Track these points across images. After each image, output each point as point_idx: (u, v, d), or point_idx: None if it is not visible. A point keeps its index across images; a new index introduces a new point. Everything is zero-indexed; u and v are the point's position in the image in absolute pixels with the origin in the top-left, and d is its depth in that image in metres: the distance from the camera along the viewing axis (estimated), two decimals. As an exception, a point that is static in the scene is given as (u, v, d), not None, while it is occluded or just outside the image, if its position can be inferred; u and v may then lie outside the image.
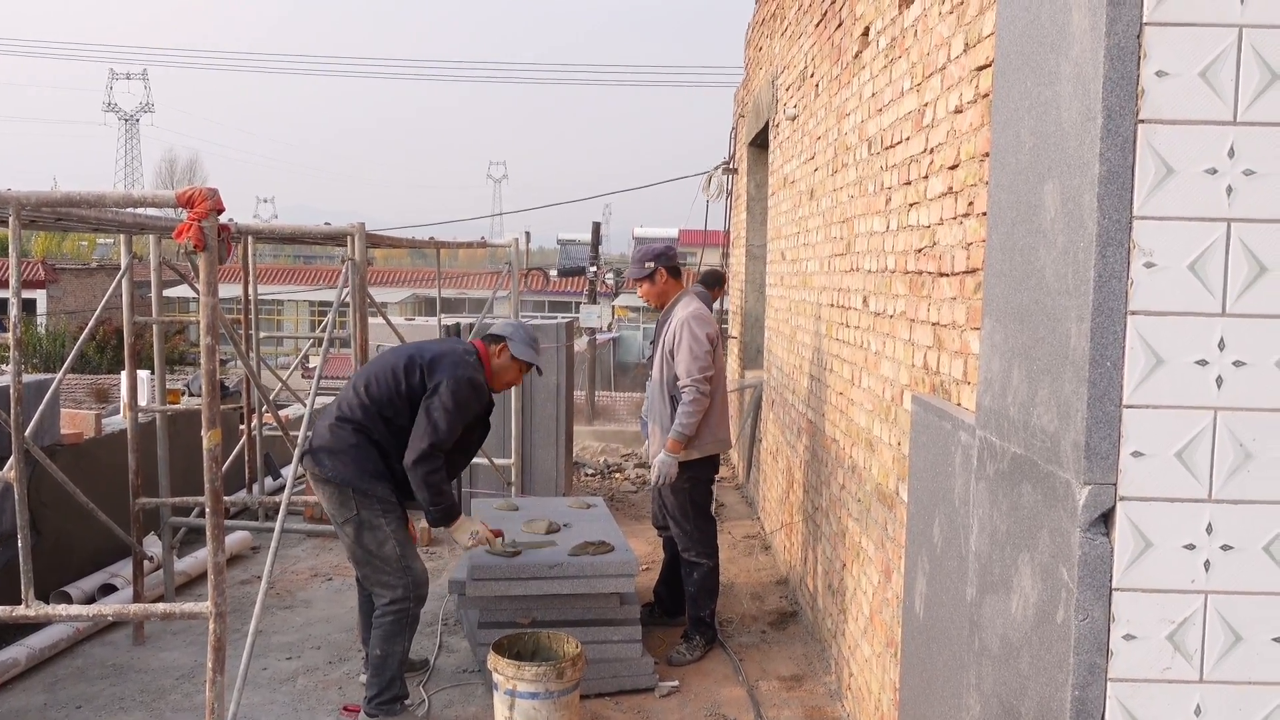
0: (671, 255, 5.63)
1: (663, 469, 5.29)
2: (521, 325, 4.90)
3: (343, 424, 4.58)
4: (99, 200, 3.39)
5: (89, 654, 5.45)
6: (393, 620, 4.52)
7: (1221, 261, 1.92)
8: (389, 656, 4.53)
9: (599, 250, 25.64)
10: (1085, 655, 1.97)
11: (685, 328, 5.31)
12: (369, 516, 4.50)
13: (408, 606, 4.54)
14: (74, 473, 5.45)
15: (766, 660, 5.45)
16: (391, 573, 4.53)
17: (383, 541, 4.51)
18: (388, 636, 4.52)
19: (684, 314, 5.38)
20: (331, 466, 4.52)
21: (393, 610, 4.52)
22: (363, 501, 4.50)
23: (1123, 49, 1.89)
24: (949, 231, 3.26)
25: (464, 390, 4.52)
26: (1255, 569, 1.96)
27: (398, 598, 4.52)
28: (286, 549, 7.47)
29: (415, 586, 4.56)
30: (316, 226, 6.22)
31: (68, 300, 31.74)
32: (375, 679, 4.56)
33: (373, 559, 4.55)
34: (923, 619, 3.17)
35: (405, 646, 4.59)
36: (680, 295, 5.56)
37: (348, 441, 4.53)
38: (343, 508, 4.52)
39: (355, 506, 4.50)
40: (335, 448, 4.55)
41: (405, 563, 4.55)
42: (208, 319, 3.26)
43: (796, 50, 6.72)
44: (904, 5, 3.94)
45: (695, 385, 5.24)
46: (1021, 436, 2.26)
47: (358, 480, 4.49)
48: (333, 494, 4.55)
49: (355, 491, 4.49)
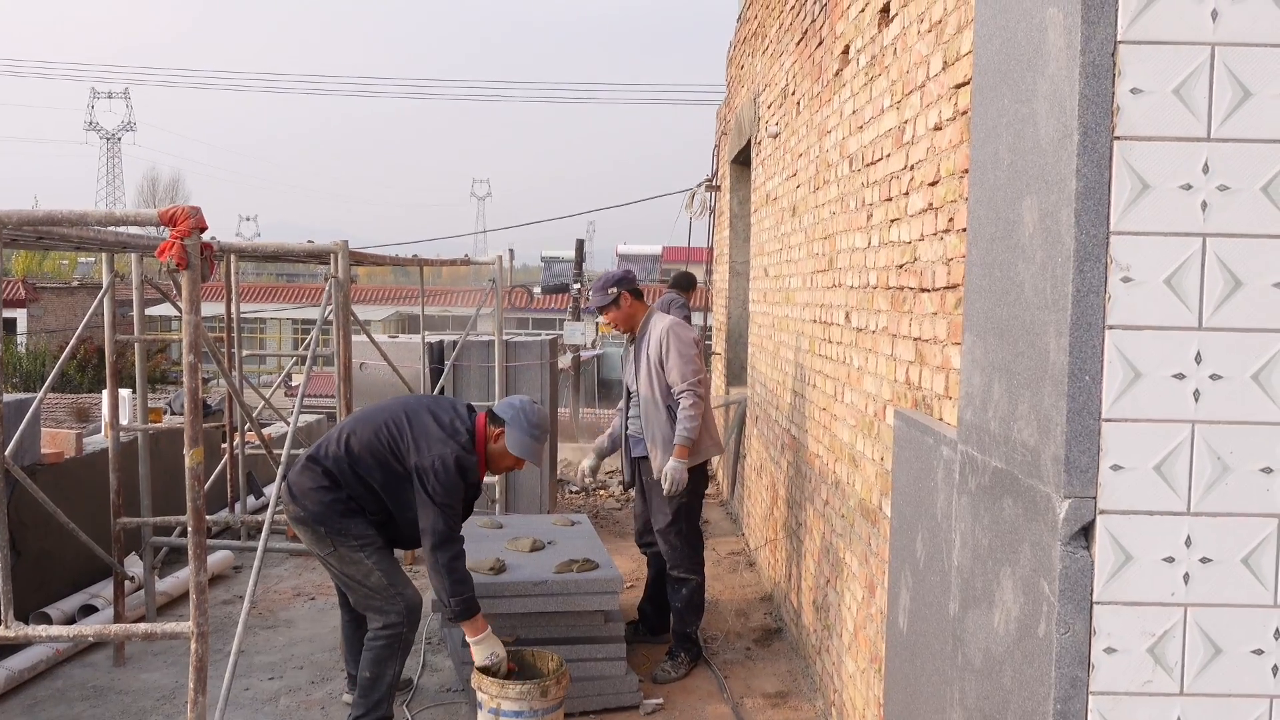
0: (631, 279, 5.67)
1: (675, 476, 5.28)
2: (527, 408, 4.54)
3: (314, 465, 4.50)
4: (81, 219, 3.39)
5: (69, 675, 5.41)
6: (385, 644, 4.46)
7: (1197, 276, 1.94)
8: (379, 679, 4.47)
9: (583, 267, 25.68)
10: (1067, 669, 1.98)
11: (671, 336, 5.35)
12: (346, 553, 4.44)
13: (401, 631, 4.47)
14: (54, 492, 5.42)
15: (751, 677, 5.45)
16: (383, 599, 4.46)
17: (368, 573, 4.45)
18: (379, 660, 4.46)
19: (663, 325, 5.42)
20: (302, 505, 4.46)
21: (385, 634, 4.46)
22: (338, 539, 4.43)
23: (1098, 67, 1.91)
24: (930, 247, 3.28)
25: (448, 474, 4.29)
26: (1234, 582, 1.97)
27: (391, 622, 4.46)
28: (269, 568, 7.43)
29: (408, 611, 4.47)
30: (299, 244, 6.21)
31: (48, 319, 31.56)
32: (363, 700, 4.50)
33: (361, 587, 4.50)
34: (906, 634, 3.18)
35: (396, 671, 4.53)
36: (650, 313, 5.59)
37: (319, 483, 4.45)
38: (319, 543, 4.47)
39: (331, 543, 4.44)
40: (307, 487, 4.47)
41: (396, 589, 4.46)
42: (190, 337, 3.25)
43: (778, 68, 6.77)
44: (883, 24, 3.97)
45: (692, 389, 5.30)
46: (1002, 451, 2.28)
47: (329, 519, 4.42)
48: (306, 532, 4.49)
49: (328, 530, 4.43)
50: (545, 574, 4.96)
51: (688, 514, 5.49)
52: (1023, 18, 2.20)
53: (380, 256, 8.05)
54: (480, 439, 4.47)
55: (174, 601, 6.57)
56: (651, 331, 5.45)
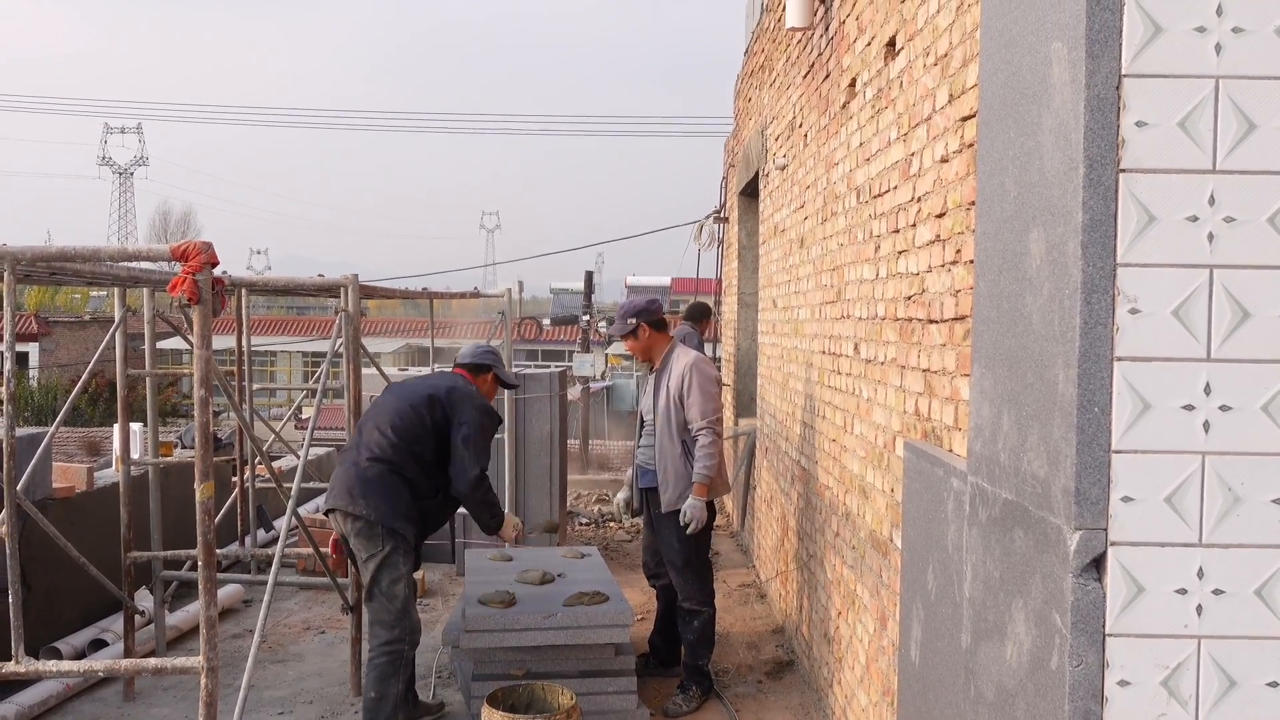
0: (654, 310, 5.67)
1: (694, 514, 5.27)
2: (491, 348, 5.35)
3: (375, 463, 4.72)
4: (95, 255, 3.42)
5: (79, 711, 5.39)
6: (387, 661, 4.63)
7: (1205, 307, 1.94)
8: (383, 698, 4.61)
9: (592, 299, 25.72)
10: (1080, 702, 1.96)
11: (694, 371, 5.37)
12: (393, 556, 4.65)
13: (402, 649, 4.67)
14: (65, 526, 5.42)
15: (763, 710, 5.41)
16: (394, 613, 4.66)
17: (396, 580, 4.66)
18: (382, 678, 4.62)
19: (687, 360, 5.43)
20: (366, 504, 4.65)
21: (387, 651, 4.64)
22: (390, 540, 4.65)
23: (1102, 100, 1.93)
24: (937, 279, 3.29)
25: (487, 418, 4.93)
26: (1247, 613, 1.96)
27: (393, 639, 4.64)
28: (279, 602, 7.41)
29: (410, 631, 4.70)
30: (310, 278, 6.25)
31: (60, 353, 31.69)
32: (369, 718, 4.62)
33: (382, 596, 4.66)
34: (918, 667, 3.16)
35: (399, 690, 4.66)
36: (671, 345, 5.59)
37: (382, 481, 4.69)
38: (370, 543, 4.65)
39: (383, 544, 4.64)
40: (370, 487, 4.68)
41: (409, 607, 4.71)
42: (202, 371, 3.27)
43: (785, 101, 6.81)
44: (889, 57, 4.00)
45: (711, 427, 5.33)
46: (1012, 482, 2.27)
47: (391, 519, 4.65)
48: (363, 529, 4.67)
49: (385, 529, 4.64)
50: (555, 607, 4.95)
51: (697, 547, 5.47)
52: (1028, 52, 2.22)
53: (390, 290, 8.09)
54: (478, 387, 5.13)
55: (184, 636, 6.55)
56: (674, 365, 5.46)
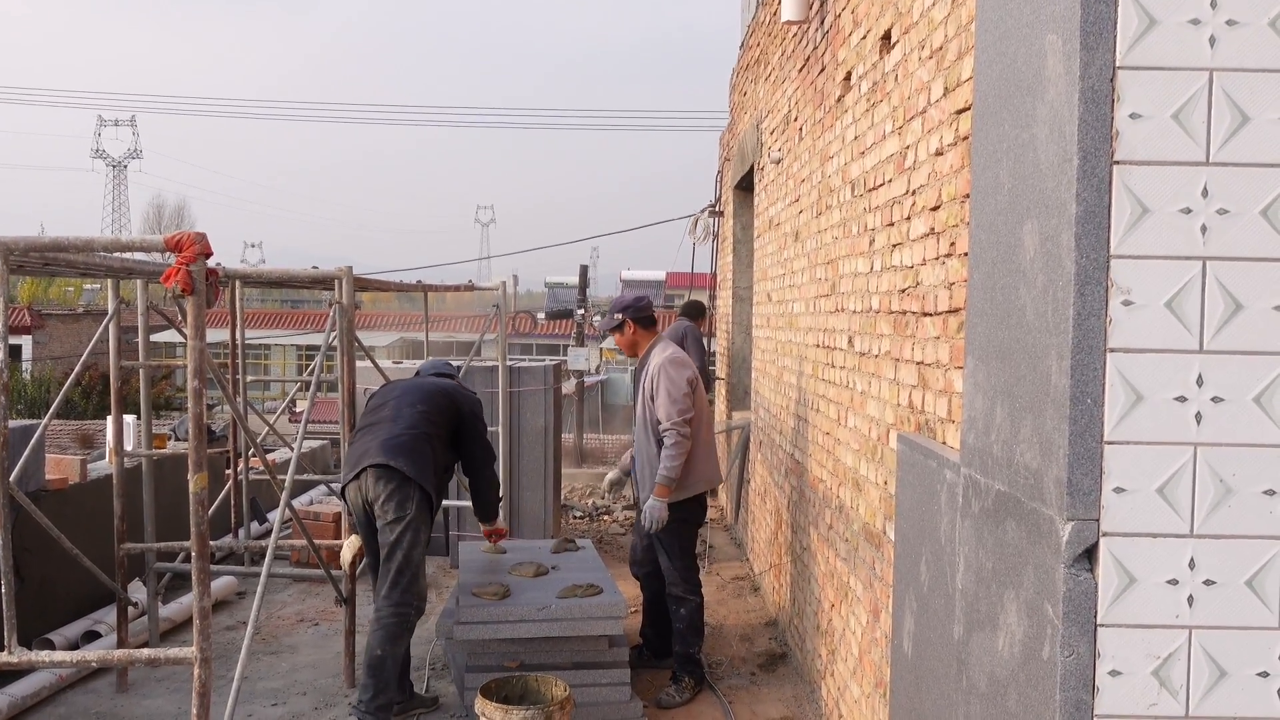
0: (642, 307, 5.69)
1: (652, 514, 5.29)
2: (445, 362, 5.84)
3: (410, 431, 4.91)
4: (88, 245, 3.41)
5: (72, 702, 5.39)
6: (396, 621, 4.73)
7: (1198, 299, 1.95)
8: (388, 658, 4.68)
9: (586, 293, 25.70)
10: (1071, 692, 1.97)
11: (662, 372, 5.36)
12: (419, 521, 4.80)
13: (409, 612, 4.79)
14: (58, 518, 5.41)
15: (756, 702, 5.42)
16: (411, 578, 4.78)
17: (415, 545, 4.78)
18: (390, 638, 4.71)
19: (660, 359, 5.42)
20: (409, 466, 4.79)
21: (398, 612, 4.74)
22: (421, 504, 4.80)
23: (1097, 92, 1.93)
24: (931, 272, 3.30)
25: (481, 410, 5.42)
26: (1238, 604, 1.97)
27: (403, 600, 4.75)
28: (272, 594, 7.41)
29: (419, 598, 4.84)
30: (304, 270, 6.24)
31: (53, 346, 31.62)
32: (370, 680, 4.66)
33: (400, 558, 4.75)
34: (911, 658, 3.17)
35: (403, 652, 4.81)
36: (654, 342, 5.61)
37: (418, 446, 4.88)
38: (402, 505, 4.77)
39: (414, 507, 4.77)
40: (406, 449, 4.84)
41: (422, 574, 4.87)
42: (195, 362, 3.27)
43: (780, 95, 6.81)
44: (885, 51, 4.00)
45: (676, 428, 5.27)
46: (1005, 474, 2.28)
47: (425, 479, 4.83)
48: (397, 490, 4.78)
49: (421, 493, 4.80)
50: (549, 599, 4.96)
51: (681, 544, 5.53)
52: (1022, 44, 2.23)
53: (384, 282, 8.07)
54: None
55: (177, 627, 6.55)
56: (650, 363, 5.47)
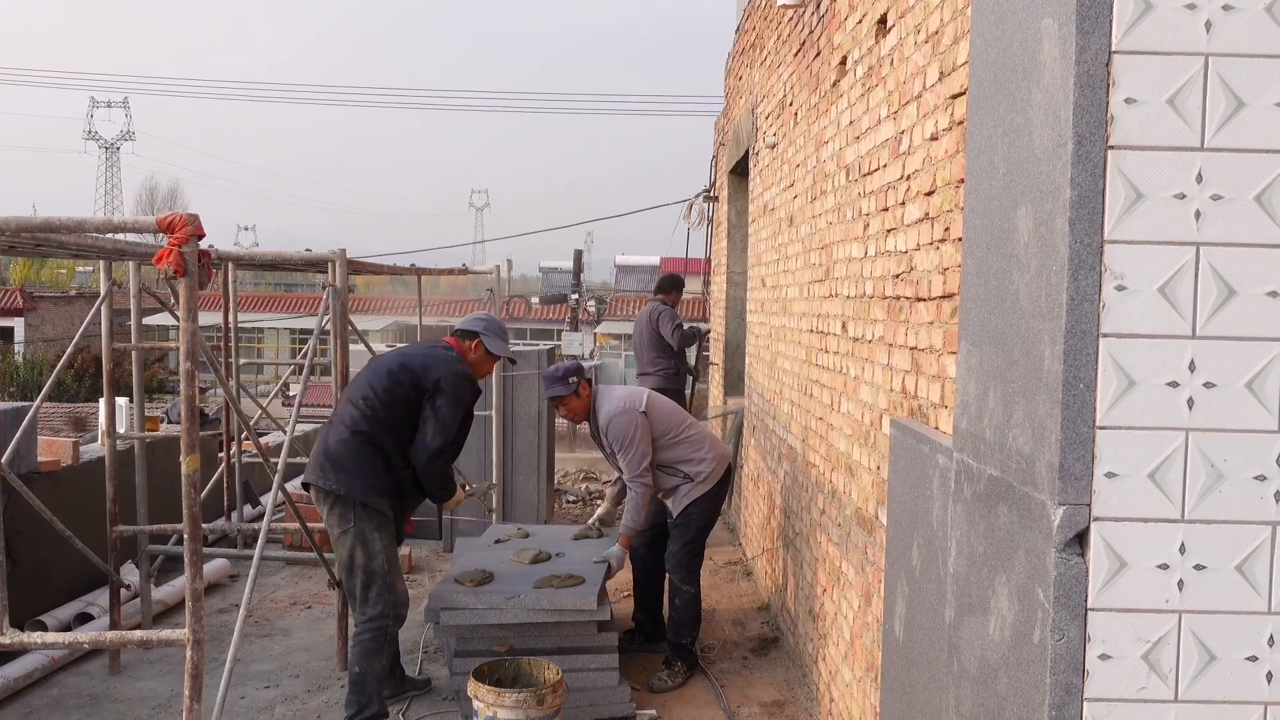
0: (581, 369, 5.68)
1: (616, 563, 5.33)
2: (490, 318, 5.15)
3: (352, 436, 4.69)
4: (79, 225, 3.39)
5: (64, 684, 5.39)
6: (371, 637, 4.62)
7: (1191, 284, 1.95)
8: (366, 674, 4.61)
9: (581, 278, 25.74)
10: (1061, 675, 1.98)
11: (610, 432, 5.42)
12: (366, 530, 4.63)
13: (385, 624, 4.65)
14: (51, 500, 5.41)
15: (748, 686, 5.44)
16: (378, 588, 4.63)
17: (373, 556, 4.63)
18: (366, 654, 4.61)
19: (604, 419, 5.45)
20: (337, 480, 4.64)
21: (371, 627, 4.62)
22: (362, 515, 4.63)
23: (1092, 77, 1.93)
24: (926, 257, 3.29)
25: (461, 385, 4.78)
26: (1228, 588, 1.98)
27: (377, 615, 4.62)
28: (265, 577, 7.42)
29: (395, 606, 4.68)
30: (297, 253, 6.22)
31: (46, 328, 31.56)
32: (354, 697, 4.64)
33: (360, 573, 4.64)
34: (902, 642, 3.18)
35: (383, 665, 4.67)
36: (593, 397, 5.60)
37: (354, 454, 4.66)
38: (343, 520, 4.64)
39: (354, 519, 4.62)
40: (342, 461, 4.66)
41: (389, 580, 4.66)
42: (188, 344, 3.25)
43: (776, 79, 6.79)
44: (880, 35, 3.99)
45: (638, 480, 5.39)
46: (998, 459, 2.28)
47: (363, 495, 4.62)
48: (334, 506, 4.66)
49: (357, 505, 4.62)
50: (523, 588, 4.95)
51: (697, 530, 5.62)
52: (1018, 28, 2.22)
53: (378, 266, 8.05)
54: (463, 354, 4.96)
55: (170, 610, 6.55)
56: (600, 421, 5.49)
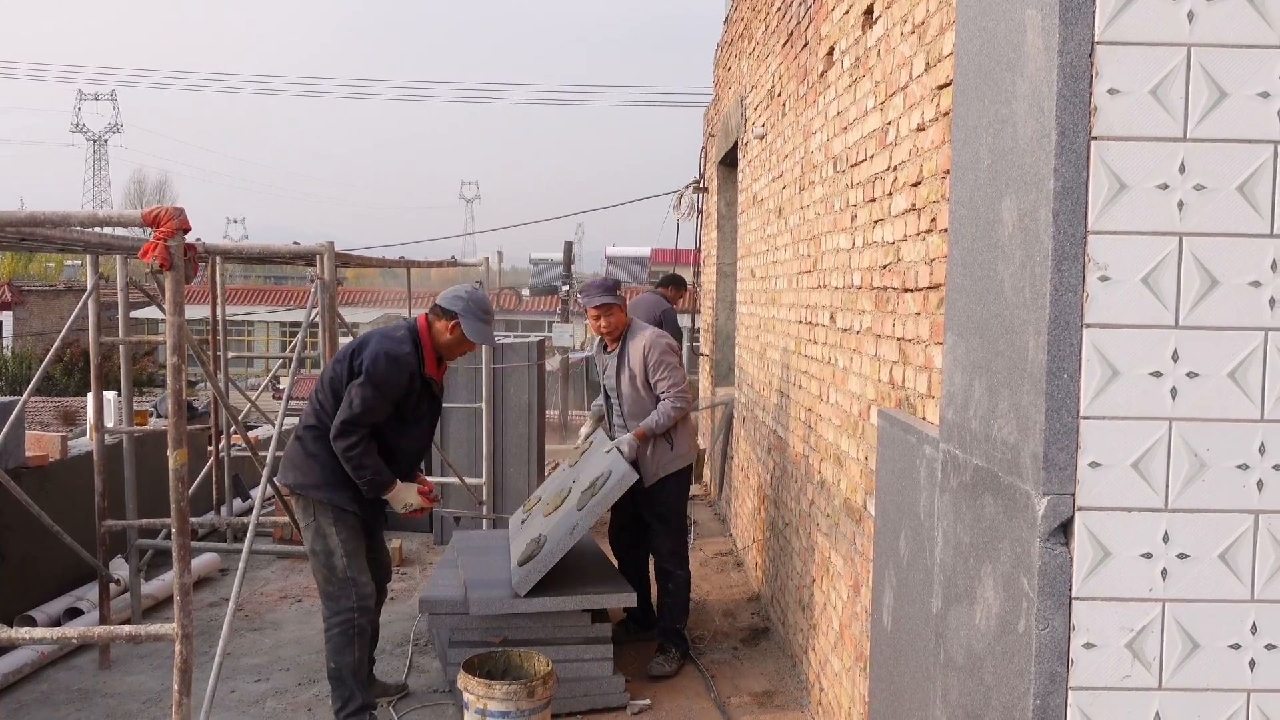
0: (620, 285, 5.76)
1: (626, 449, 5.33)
2: (473, 296, 4.75)
3: (305, 430, 4.67)
4: (64, 220, 3.38)
5: (54, 679, 5.38)
6: (339, 632, 4.61)
7: (1174, 275, 1.96)
8: (341, 669, 4.61)
9: (571, 269, 25.71)
10: (1046, 664, 1.99)
11: (654, 351, 5.43)
12: (323, 524, 4.60)
13: (352, 618, 4.60)
14: (39, 495, 5.40)
15: (739, 677, 5.46)
16: (336, 583, 4.61)
17: (330, 551, 4.60)
18: (337, 649, 4.60)
19: (647, 339, 5.48)
20: (293, 476, 4.65)
21: (337, 622, 4.61)
22: (319, 510, 4.60)
23: (1075, 67, 1.93)
24: (912, 248, 3.30)
25: (380, 365, 4.47)
26: (1211, 577, 1.99)
27: (341, 609, 4.60)
28: (255, 570, 7.41)
29: (359, 599, 4.62)
30: (285, 246, 6.21)
31: (34, 322, 31.43)
32: (335, 693, 4.66)
33: (321, 568, 4.64)
34: (890, 632, 3.19)
35: (357, 657, 4.63)
36: (631, 322, 5.61)
37: (309, 450, 4.63)
38: (304, 515, 4.65)
39: (313, 514, 4.61)
40: (296, 459, 4.67)
41: (350, 574, 4.61)
42: (174, 338, 3.25)
43: (764, 70, 6.79)
44: (867, 26, 3.99)
45: (679, 397, 5.42)
46: (983, 449, 2.29)
47: (314, 490, 4.59)
48: (297, 503, 4.69)
49: (313, 501, 4.60)
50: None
51: (678, 515, 5.63)
52: (1002, 19, 2.22)
53: (367, 258, 8.04)
54: (423, 334, 4.68)
55: (160, 604, 6.54)
56: (635, 342, 5.48)
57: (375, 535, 4.94)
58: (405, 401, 4.60)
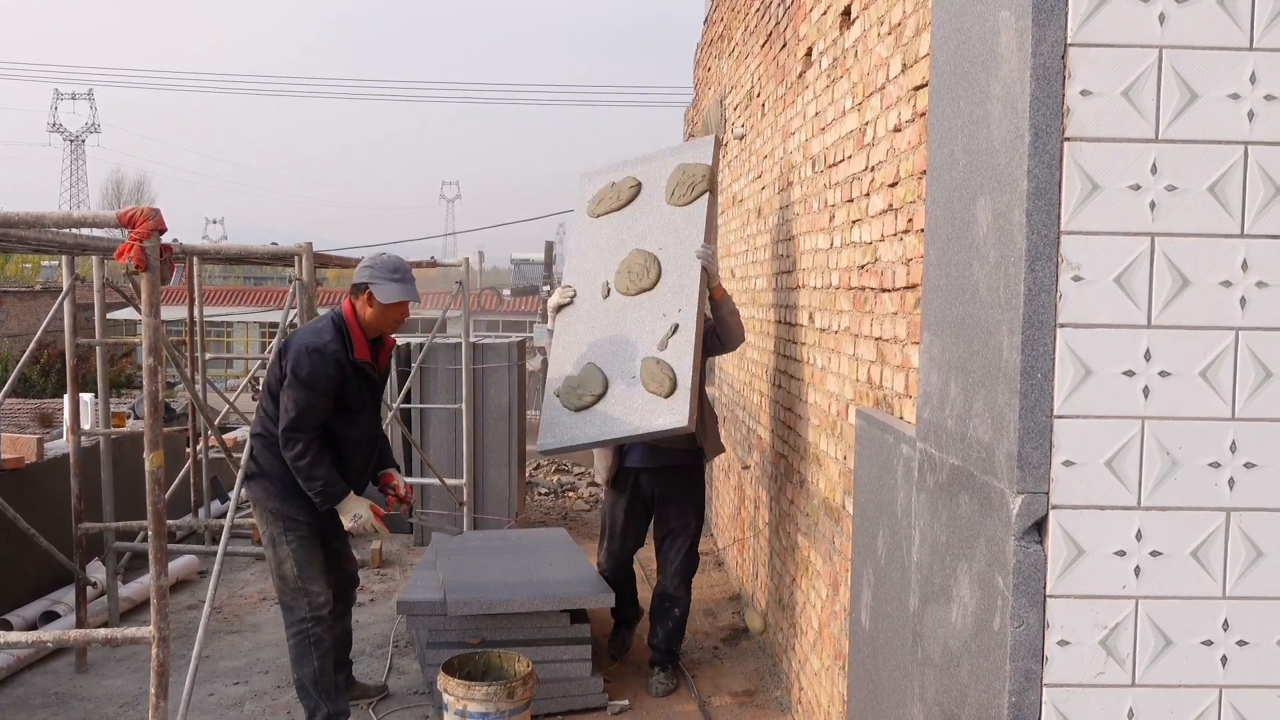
0: None
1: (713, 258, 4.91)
2: (378, 260, 4.50)
3: (254, 441, 4.60)
4: (38, 220, 3.35)
5: (30, 683, 5.35)
6: (296, 643, 4.55)
7: (1146, 275, 1.97)
8: (302, 679, 4.56)
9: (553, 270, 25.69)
10: (1021, 662, 2.00)
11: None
12: (274, 534, 4.53)
13: (307, 628, 4.51)
14: (15, 498, 5.36)
15: (719, 676, 5.46)
16: (289, 593, 4.55)
17: (282, 560, 4.52)
18: (296, 660, 4.56)
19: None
20: (248, 489, 4.60)
21: (293, 633, 4.56)
22: (270, 519, 4.53)
23: (1048, 69, 1.94)
24: (890, 248, 3.31)
25: (304, 363, 4.29)
26: (1183, 574, 2.00)
27: (296, 619, 4.54)
28: (234, 572, 7.38)
29: (311, 609, 4.51)
30: (263, 246, 6.18)
31: (10, 323, 31.16)
32: (303, 704, 4.63)
33: (275, 577, 4.60)
34: (868, 630, 3.20)
35: (316, 667, 4.53)
36: None
37: (257, 458, 4.56)
38: (260, 523, 4.61)
39: (266, 523, 4.56)
40: (248, 468, 4.61)
41: (302, 584, 4.51)
42: (150, 340, 3.23)
43: (743, 70, 6.80)
44: (845, 26, 4.00)
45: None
46: (959, 448, 2.30)
47: (266, 499, 4.53)
48: (257, 513, 4.63)
49: (266, 511, 4.54)
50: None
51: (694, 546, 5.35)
52: (977, 21, 2.23)
53: (346, 258, 7.99)
54: (349, 318, 4.46)
55: (138, 607, 6.50)
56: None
57: (334, 543, 4.74)
58: (344, 391, 4.41)
